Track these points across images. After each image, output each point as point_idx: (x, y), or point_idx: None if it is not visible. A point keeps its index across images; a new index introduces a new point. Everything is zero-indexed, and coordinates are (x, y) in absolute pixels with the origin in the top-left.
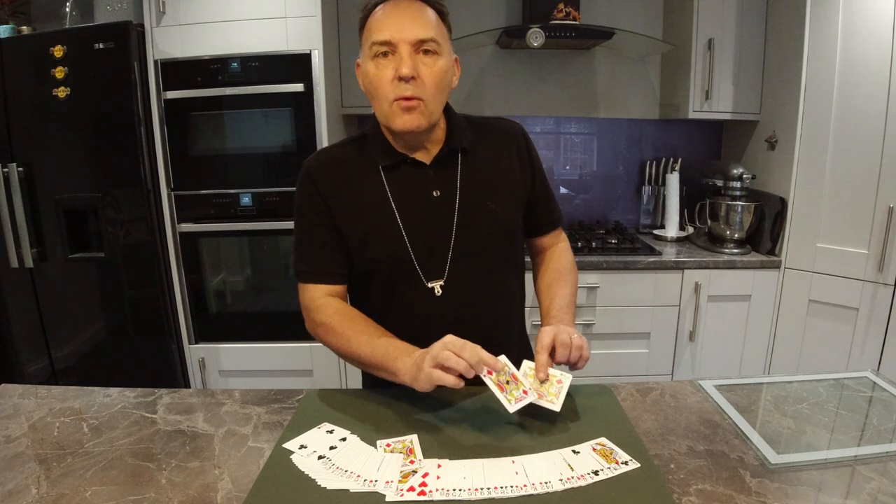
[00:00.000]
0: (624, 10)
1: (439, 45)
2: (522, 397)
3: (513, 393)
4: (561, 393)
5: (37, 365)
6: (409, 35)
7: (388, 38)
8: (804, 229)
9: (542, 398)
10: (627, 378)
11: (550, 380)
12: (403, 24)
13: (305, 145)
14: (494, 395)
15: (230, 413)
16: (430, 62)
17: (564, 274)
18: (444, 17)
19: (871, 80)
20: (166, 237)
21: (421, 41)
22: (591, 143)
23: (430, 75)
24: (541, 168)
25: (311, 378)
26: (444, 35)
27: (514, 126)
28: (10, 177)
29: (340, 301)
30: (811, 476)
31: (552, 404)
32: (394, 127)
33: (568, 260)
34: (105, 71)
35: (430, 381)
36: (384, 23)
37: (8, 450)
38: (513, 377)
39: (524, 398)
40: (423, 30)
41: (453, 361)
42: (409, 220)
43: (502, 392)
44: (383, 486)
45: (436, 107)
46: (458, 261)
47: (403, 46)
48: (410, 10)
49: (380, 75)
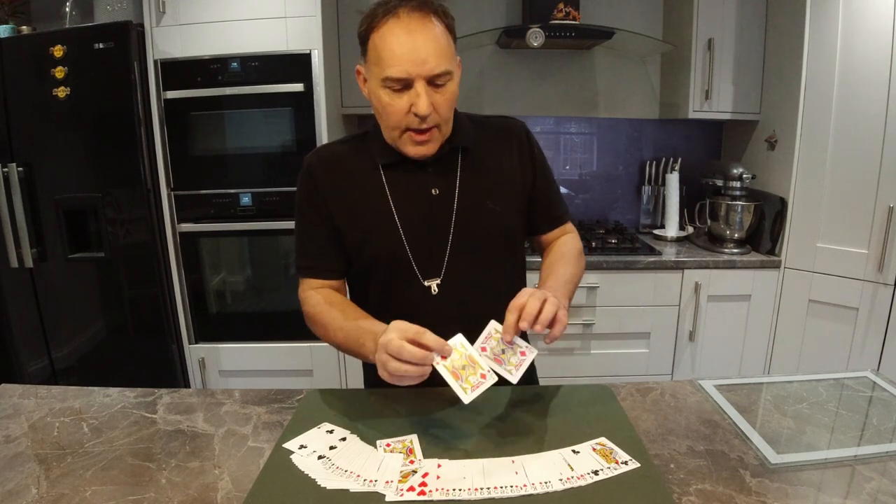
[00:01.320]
0: (624, 10)
1: (452, 72)
2: (480, 382)
3: (469, 380)
4: (522, 365)
5: (37, 365)
6: (426, 70)
7: (404, 75)
8: (804, 229)
9: (500, 364)
10: (627, 378)
11: (514, 349)
12: (418, 55)
13: (305, 145)
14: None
15: (230, 413)
16: (443, 91)
17: (567, 257)
18: (452, 30)
19: (871, 80)
20: (166, 237)
21: (436, 76)
22: (591, 143)
23: (444, 103)
24: (544, 166)
25: (311, 378)
26: (453, 52)
27: (517, 124)
28: (10, 177)
29: (330, 291)
30: (811, 476)
31: (510, 374)
32: (406, 153)
33: (574, 247)
34: (105, 71)
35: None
36: (396, 55)
37: (8, 450)
38: (470, 360)
39: (482, 383)
40: (438, 63)
41: (403, 371)
42: (408, 219)
43: (457, 380)
44: (383, 486)
45: (448, 127)
46: (455, 260)
47: (419, 83)
48: (423, 36)
49: (392, 105)
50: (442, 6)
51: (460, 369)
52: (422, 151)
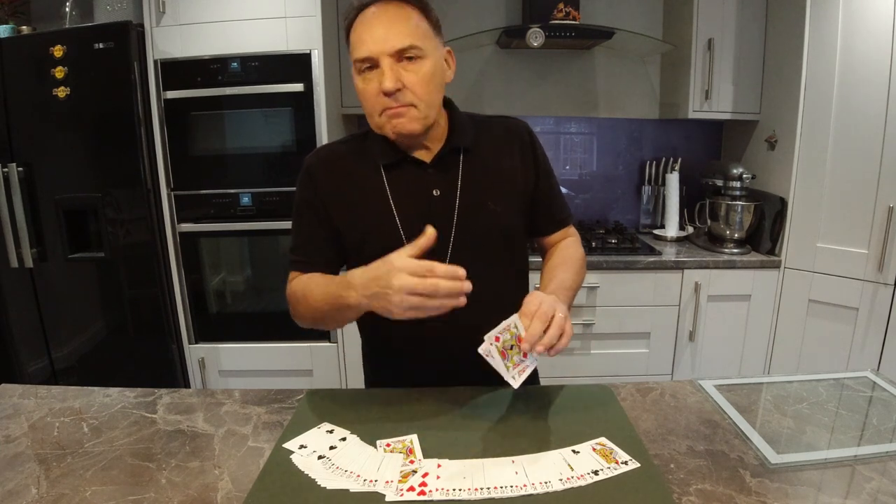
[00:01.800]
0: (624, 10)
1: (421, 48)
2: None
3: (513, 359)
4: (525, 371)
5: (37, 365)
6: (388, 47)
7: (368, 53)
8: (804, 229)
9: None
10: (627, 378)
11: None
12: (381, 35)
13: (305, 145)
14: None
15: (230, 413)
16: (414, 68)
17: (570, 262)
18: (428, 13)
19: (871, 80)
20: (166, 237)
21: (400, 51)
22: (591, 143)
23: (417, 81)
24: (546, 167)
25: (311, 378)
26: (426, 34)
27: (520, 124)
28: (10, 177)
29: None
30: (811, 476)
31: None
32: (388, 135)
33: (577, 253)
34: (105, 71)
35: (404, 308)
36: (363, 37)
37: (8, 450)
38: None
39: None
40: (401, 38)
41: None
42: (408, 219)
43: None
44: (383, 486)
45: (430, 109)
46: (456, 260)
47: (384, 59)
48: (387, 17)
49: (366, 89)
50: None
51: (508, 349)
52: (398, 126)
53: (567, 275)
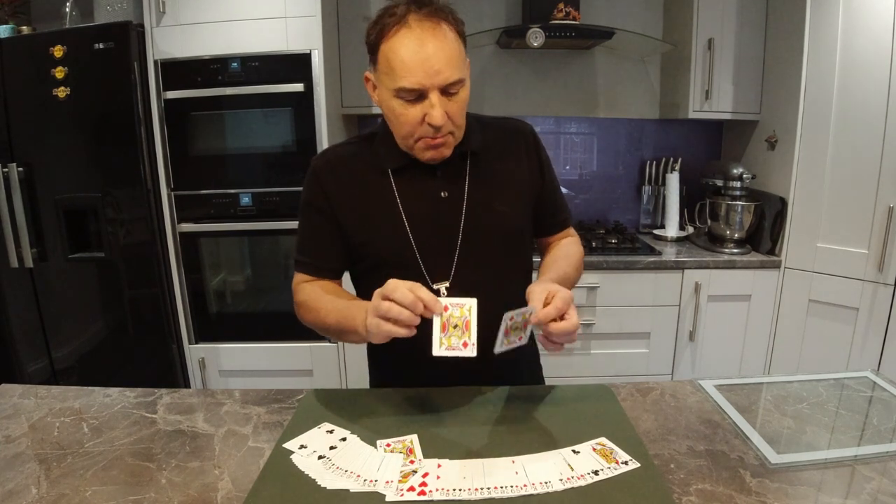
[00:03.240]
0: (624, 10)
1: (465, 79)
2: (458, 349)
3: (450, 339)
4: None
5: (37, 365)
6: (439, 81)
7: (418, 86)
8: (804, 229)
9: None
10: (627, 378)
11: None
12: (431, 66)
13: (305, 145)
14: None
15: (230, 413)
16: (456, 98)
17: (570, 258)
18: (462, 35)
19: (871, 80)
20: (166, 237)
21: (450, 84)
22: (591, 143)
23: (457, 111)
24: (550, 168)
25: (311, 378)
26: (464, 58)
27: (524, 126)
28: (10, 177)
29: (324, 282)
30: (811, 476)
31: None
32: (419, 158)
33: (576, 250)
34: (105, 71)
35: (381, 336)
36: (409, 66)
37: (8, 450)
38: (466, 325)
39: (459, 351)
40: (452, 72)
41: (395, 313)
42: (416, 221)
43: (442, 332)
44: (383, 486)
45: (461, 132)
46: (464, 262)
47: (433, 93)
48: (434, 45)
49: (406, 115)
50: (452, 12)
51: (451, 326)
52: (436, 156)
53: (569, 269)
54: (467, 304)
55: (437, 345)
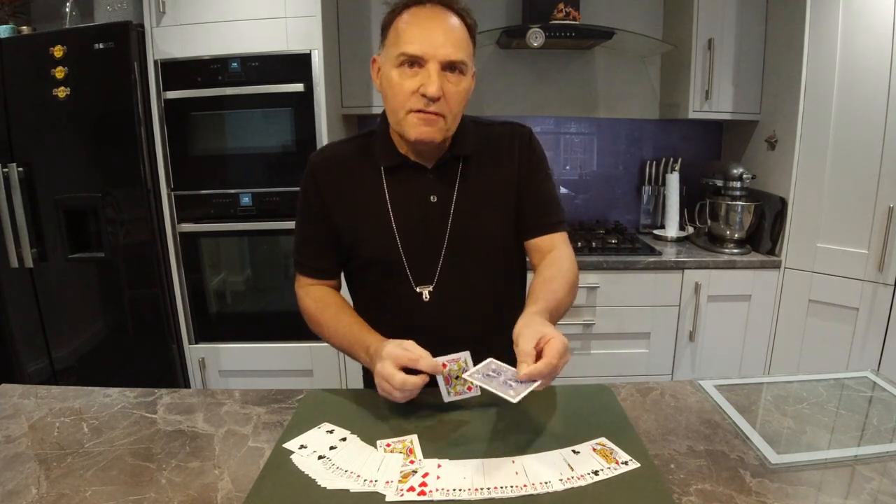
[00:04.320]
0: (624, 10)
1: (467, 65)
2: (464, 393)
3: (455, 388)
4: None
5: (37, 365)
6: (441, 54)
7: (420, 53)
8: (804, 229)
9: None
10: (627, 378)
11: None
12: (436, 39)
13: (305, 145)
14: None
15: (230, 413)
16: (455, 81)
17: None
18: (472, 32)
19: (871, 80)
20: (166, 237)
21: (451, 63)
22: (591, 143)
23: (455, 94)
24: (541, 168)
25: (311, 378)
26: (470, 54)
27: (520, 129)
28: (10, 177)
29: (325, 288)
30: (811, 476)
31: (447, 395)
32: (407, 136)
33: (567, 266)
34: (105, 71)
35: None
36: (416, 34)
37: (8, 450)
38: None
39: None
40: (456, 51)
41: (395, 397)
42: (404, 223)
43: (447, 384)
44: (383, 486)
45: (454, 122)
46: (448, 267)
47: (433, 64)
48: (443, 24)
49: (402, 84)
50: (469, 12)
51: (453, 378)
52: (424, 133)
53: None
54: (462, 358)
55: (446, 395)
